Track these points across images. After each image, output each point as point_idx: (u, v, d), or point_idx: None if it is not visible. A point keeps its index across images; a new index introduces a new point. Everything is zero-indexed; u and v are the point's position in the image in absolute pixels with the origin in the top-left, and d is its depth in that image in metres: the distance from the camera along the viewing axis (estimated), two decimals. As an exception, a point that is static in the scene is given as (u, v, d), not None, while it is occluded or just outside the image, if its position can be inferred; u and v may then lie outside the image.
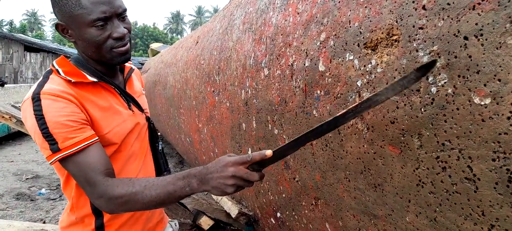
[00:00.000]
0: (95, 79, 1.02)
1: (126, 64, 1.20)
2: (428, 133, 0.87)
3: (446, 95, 0.81)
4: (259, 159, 0.86)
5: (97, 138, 0.97)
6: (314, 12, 1.34)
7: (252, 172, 0.86)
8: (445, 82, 0.81)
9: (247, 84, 1.95)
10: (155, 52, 10.94)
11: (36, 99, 0.91)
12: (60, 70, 0.99)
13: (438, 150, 0.85)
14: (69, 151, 0.90)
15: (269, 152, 0.86)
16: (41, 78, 0.98)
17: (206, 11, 75.37)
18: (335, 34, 1.18)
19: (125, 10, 1.02)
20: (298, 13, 1.47)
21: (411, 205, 0.96)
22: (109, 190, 0.91)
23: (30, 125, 0.92)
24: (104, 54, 1.01)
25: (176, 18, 77.38)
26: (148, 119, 1.22)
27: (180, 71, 3.85)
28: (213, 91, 2.61)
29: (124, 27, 1.02)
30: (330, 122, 0.85)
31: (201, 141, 3.22)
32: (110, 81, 1.08)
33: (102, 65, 1.07)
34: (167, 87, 4.51)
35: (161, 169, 1.28)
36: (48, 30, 68.66)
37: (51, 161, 0.92)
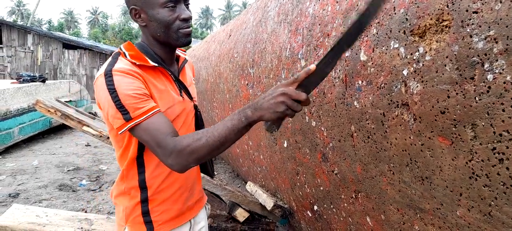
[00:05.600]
0: (155, 64, 1.14)
1: (181, 55, 1.33)
2: (483, 123, 0.82)
3: (504, 82, 0.77)
4: (305, 75, 0.93)
5: (159, 108, 1.09)
6: (355, 0, 1.30)
7: (300, 92, 0.92)
8: (503, 69, 0.77)
9: (283, 76, 1.94)
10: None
11: (108, 75, 1.04)
12: (126, 53, 1.12)
13: (495, 141, 0.80)
14: (140, 119, 1.03)
15: (312, 66, 0.92)
16: (110, 59, 1.12)
17: (235, 5, 75.59)
18: (379, 22, 1.15)
19: None
20: (337, 2, 1.44)
21: (463, 198, 0.92)
22: (177, 143, 1.01)
23: (104, 98, 1.04)
24: (171, 34, 1.13)
25: (206, 13, 78.08)
26: (195, 106, 1.32)
27: (213, 65, 3.88)
28: (247, 84, 2.61)
29: None
30: (355, 23, 0.88)
31: (235, 133, 3.24)
32: (167, 67, 1.20)
33: (165, 48, 1.19)
34: (200, 81, 4.57)
35: None
36: (84, 28, 71.27)
37: (123, 130, 1.04)
